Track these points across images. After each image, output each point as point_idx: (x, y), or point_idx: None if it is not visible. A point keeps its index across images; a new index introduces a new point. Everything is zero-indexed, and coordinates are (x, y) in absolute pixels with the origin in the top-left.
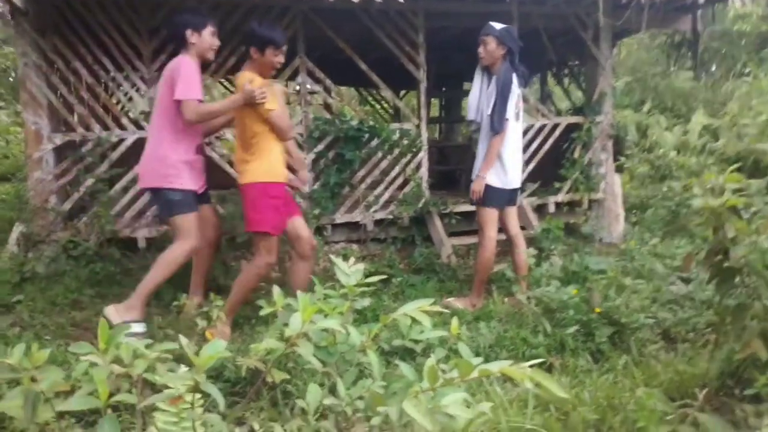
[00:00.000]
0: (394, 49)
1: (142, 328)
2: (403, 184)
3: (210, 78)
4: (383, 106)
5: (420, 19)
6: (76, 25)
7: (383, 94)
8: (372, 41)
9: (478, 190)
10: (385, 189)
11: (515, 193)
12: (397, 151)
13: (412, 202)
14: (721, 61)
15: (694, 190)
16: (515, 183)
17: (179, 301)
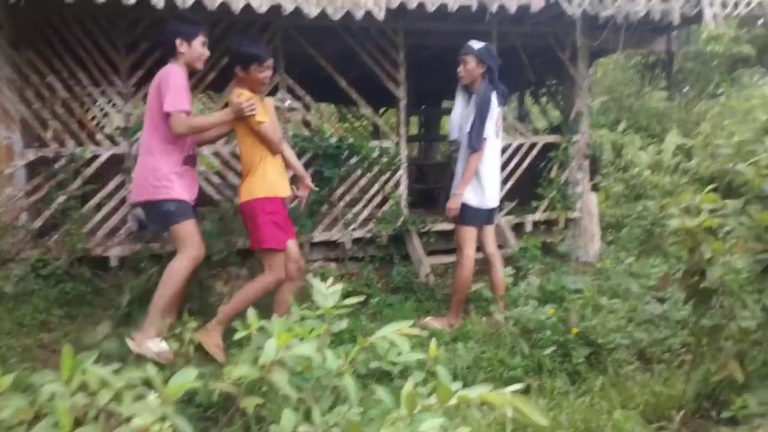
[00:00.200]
0: (374, 67)
1: (163, 346)
2: (382, 202)
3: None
4: (362, 123)
5: (400, 37)
6: (52, 38)
7: (363, 111)
8: (352, 58)
9: (454, 208)
10: (364, 207)
11: (493, 212)
12: (376, 169)
13: (390, 220)
14: (695, 81)
15: (670, 210)
16: (493, 202)
17: None
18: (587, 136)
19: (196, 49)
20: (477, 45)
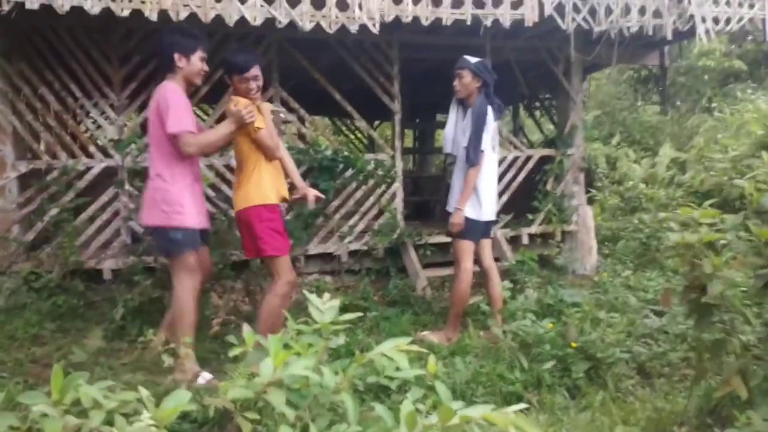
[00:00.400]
0: (368, 80)
1: (206, 376)
2: (378, 215)
3: None
4: (357, 136)
5: (395, 50)
6: (45, 50)
7: (357, 124)
8: (347, 72)
9: (459, 223)
10: (360, 219)
11: (490, 225)
12: (371, 182)
13: (386, 232)
14: (687, 95)
15: (670, 224)
16: (490, 215)
17: (145, 337)
18: (582, 150)
19: (195, 64)
20: (472, 60)
